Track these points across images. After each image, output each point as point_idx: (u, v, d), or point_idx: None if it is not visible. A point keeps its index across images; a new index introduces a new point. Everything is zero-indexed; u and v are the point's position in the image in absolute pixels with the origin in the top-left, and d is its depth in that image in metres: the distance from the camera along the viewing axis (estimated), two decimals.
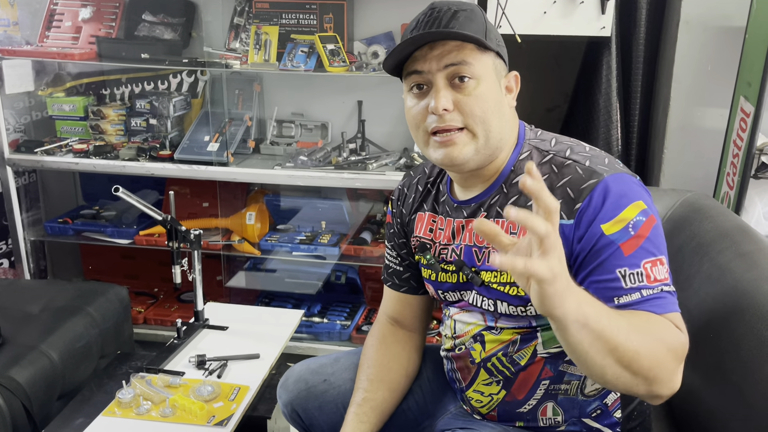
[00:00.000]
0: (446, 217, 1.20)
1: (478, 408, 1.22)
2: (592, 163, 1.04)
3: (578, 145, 1.10)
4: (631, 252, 0.97)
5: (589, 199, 1.00)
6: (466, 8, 1.06)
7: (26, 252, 2.54)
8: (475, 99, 1.04)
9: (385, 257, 1.36)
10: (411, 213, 1.27)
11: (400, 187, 1.32)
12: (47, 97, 2.59)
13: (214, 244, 2.52)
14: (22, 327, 1.80)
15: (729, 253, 1.25)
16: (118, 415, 1.44)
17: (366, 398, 1.25)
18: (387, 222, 1.35)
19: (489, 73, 1.06)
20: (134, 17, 2.51)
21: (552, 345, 1.11)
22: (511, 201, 1.09)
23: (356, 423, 1.22)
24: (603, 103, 2.31)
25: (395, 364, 1.30)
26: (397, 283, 1.33)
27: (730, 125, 2.03)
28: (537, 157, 1.09)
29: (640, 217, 0.98)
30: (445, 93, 1.04)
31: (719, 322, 1.18)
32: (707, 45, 2.16)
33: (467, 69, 1.04)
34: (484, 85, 1.05)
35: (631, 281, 0.96)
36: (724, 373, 1.13)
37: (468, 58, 1.04)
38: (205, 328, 1.81)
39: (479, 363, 1.18)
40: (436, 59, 1.04)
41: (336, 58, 2.27)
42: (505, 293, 1.10)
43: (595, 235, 0.99)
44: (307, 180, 2.30)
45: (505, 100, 1.10)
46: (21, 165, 2.45)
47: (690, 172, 2.25)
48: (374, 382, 1.27)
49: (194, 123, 2.51)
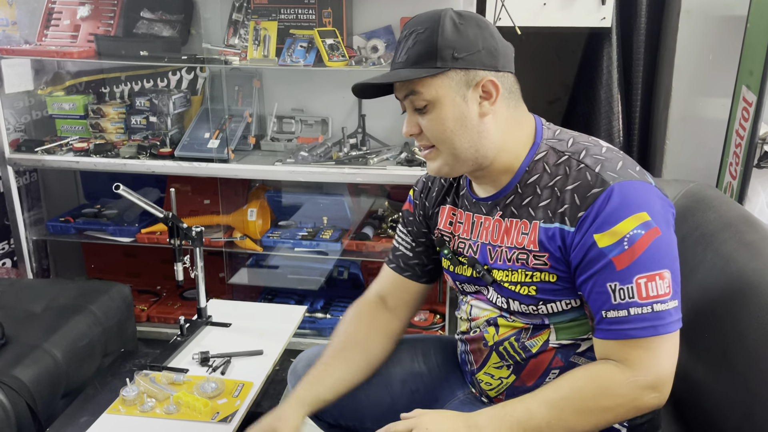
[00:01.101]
0: (465, 211, 1.22)
1: (486, 391, 1.24)
2: (603, 169, 1.03)
3: (595, 146, 1.09)
4: (623, 267, 0.98)
5: (591, 208, 1.00)
6: (423, 28, 1.06)
7: (28, 251, 2.54)
8: (433, 122, 1.08)
9: (395, 240, 1.37)
10: (435, 206, 1.29)
11: (425, 180, 1.33)
12: (47, 96, 2.58)
13: (216, 241, 2.52)
14: (26, 326, 1.80)
15: (732, 243, 1.25)
16: (122, 412, 1.44)
17: (325, 363, 1.26)
18: (405, 209, 1.36)
19: (446, 94, 1.07)
20: (133, 15, 2.50)
21: (565, 337, 1.12)
22: (525, 201, 1.10)
23: (306, 384, 1.22)
24: (604, 94, 2.30)
25: (363, 344, 1.29)
26: (402, 266, 1.34)
27: (733, 115, 2.03)
28: (553, 157, 1.09)
29: (638, 231, 0.98)
30: (410, 119, 1.11)
31: (724, 312, 1.17)
32: (708, 34, 2.15)
33: (419, 98, 1.07)
34: (440, 108, 1.07)
35: (620, 296, 0.98)
36: (729, 362, 1.12)
37: (417, 87, 1.07)
38: (208, 325, 1.81)
39: (492, 346, 1.19)
40: (398, 90, 1.11)
41: (335, 53, 2.26)
42: (517, 293, 1.12)
43: (586, 245, 1.01)
44: (308, 176, 2.29)
45: (473, 112, 1.07)
46: (22, 164, 2.45)
47: (692, 163, 2.25)
48: (337, 351, 1.28)
49: (194, 120, 2.51)
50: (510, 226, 1.12)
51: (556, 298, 1.09)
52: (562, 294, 1.08)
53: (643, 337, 0.97)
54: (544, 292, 1.09)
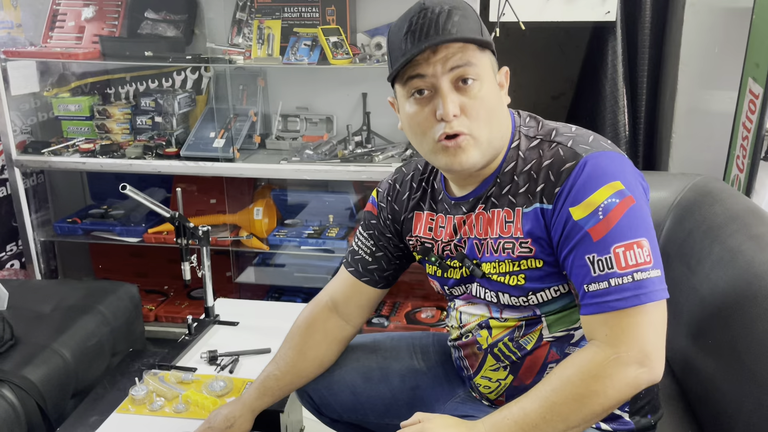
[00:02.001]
0: (446, 215, 1.19)
1: (486, 394, 1.23)
2: (575, 143, 1.03)
3: (564, 127, 1.09)
4: (599, 237, 0.96)
5: (566, 183, 1.00)
6: (458, 6, 1.03)
7: (37, 252, 2.56)
8: (481, 101, 1.03)
9: (354, 243, 1.33)
10: (407, 211, 1.25)
11: (391, 182, 1.29)
12: (53, 98, 2.59)
13: (222, 240, 2.52)
14: (35, 327, 1.81)
15: (740, 236, 1.25)
16: (131, 411, 1.44)
17: (276, 376, 1.31)
18: (368, 211, 1.32)
19: (489, 73, 1.05)
20: (137, 15, 2.51)
21: (558, 329, 1.11)
22: (504, 191, 1.09)
23: (261, 394, 1.30)
24: (609, 88, 2.29)
25: (313, 354, 1.33)
26: (360, 271, 1.30)
27: (739, 107, 2.01)
28: (525, 143, 1.09)
29: (612, 199, 0.96)
30: (452, 98, 1.01)
31: (732, 304, 1.17)
32: (714, 27, 2.14)
33: (472, 70, 1.02)
34: (486, 86, 1.04)
35: (599, 268, 0.96)
36: (738, 355, 1.12)
37: (472, 59, 1.01)
38: (215, 324, 1.82)
39: (486, 349, 1.18)
40: (440, 62, 1.01)
41: (339, 51, 2.26)
42: (505, 284, 1.10)
43: (563, 219, 0.99)
44: (313, 174, 2.30)
45: (501, 97, 1.09)
46: (29, 166, 2.46)
47: (699, 156, 2.23)
48: (288, 364, 1.31)
49: (199, 120, 2.51)
50: (492, 217, 1.10)
51: (544, 285, 1.08)
52: (550, 280, 1.07)
53: (626, 308, 0.94)
54: (532, 279, 1.07)
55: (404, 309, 2.55)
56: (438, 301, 2.57)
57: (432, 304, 2.55)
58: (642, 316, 0.94)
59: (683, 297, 1.34)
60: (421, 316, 2.50)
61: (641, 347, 0.94)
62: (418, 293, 2.63)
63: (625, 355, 0.94)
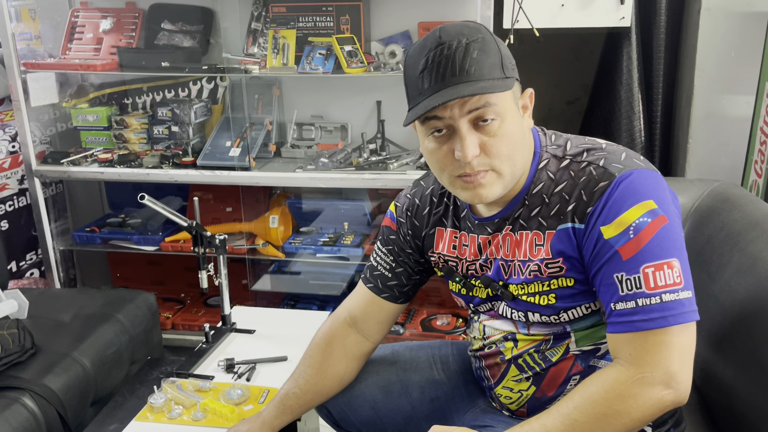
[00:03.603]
0: (469, 233, 1.17)
1: (507, 404, 1.22)
2: (607, 162, 1.02)
3: (593, 144, 1.07)
4: (629, 257, 0.95)
5: (599, 202, 0.99)
6: (477, 37, 0.99)
7: (56, 261, 2.59)
8: (501, 139, 1.00)
9: (373, 258, 1.31)
10: (428, 227, 1.24)
11: (410, 197, 1.27)
12: (71, 109, 2.63)
13: (238, 249, 2.54)
14: (54, 335, 1.83)
15: (760, 243, 1.23)
16: (150, 419, 1.45)
17: (295, 393, 1.29)
18: (386, 225, 1.30)
19: (510, 106, 1.02)
20: (154, 26, 2.54)
21: (586, 343, 1.10)
22: (533, 212, 1.07)
23: (280, 412, 1.28)
24: (624, 94, 2.28)
25: (333, 371, 1.31)
26: (380, 287, 1.29)
27: (757, 112, 2.00)
28: (554, 164, 1.07)
29: (644, 219, 0.95)
30: (471, 139, 0.99)
31: (752, 312, 1.15)
32: (730, 31, 2.12)
33: (491, 110, 0.99)
34: (507, 122, 1.01)
35: (627, 287, 0.95)
36: (759, 363, 1.10)
37: (491, 99, 0.98)
38: (232, 332, 1.83)
39: (509, 360, 1.17)
40: (458, 106, 0.98)
41: (354, 59, 2.28)
42: (536, 304, 1.09)
43: (594, 238, 0.99)
44: (328, 182, 2.31)
45: (524, 124, 1.07)
46: (48, 176, 2.49)
47: (716, 161, 2.22)
48: (308, 382, 1.30)
49: (215, 129, 2.53)
50: (520, 239, 1.09)
51: (575, 303, 1.07)
52: (581, 298, 1.06)
53: (651, 329, 0.93)
54: (563, 298, 1.07)
55: (420, 316, 2.54)
56: (453, 308, 2.56)
57: (448, 311, 2.55)
58: (668, 336, 0.93)
59: (703, 305, 1.31)
60: (437, 323, 2.49)
61: (666, 368, 0.93)
62: (433, 300, 2.62)
63: (650, 375, 0.93)
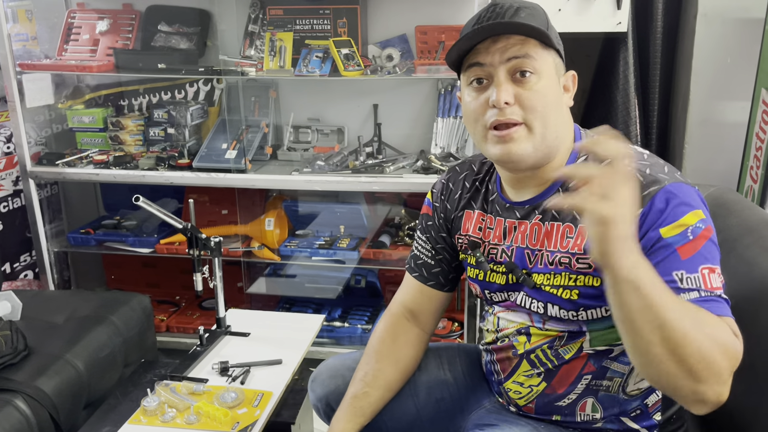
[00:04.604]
0: (496, 217, 1.19)
1: (515, 400, 1.22)
2: (653, 170, 1.03)
3: (636, 152, 1.08)
4: (688, 256, 0.95)
5: (650, 205, 0.99)
6: (528, 6, 1.07)
7: (50, 263, 2.58)
8: (536, 94, 1.04)
9: (414, 248, 1.35)
10: (457, 209, 1.26)
11: (444, 182, 1.30)
12: (67, 110, 2.62)
13: (234, 251, 2.53)
14: (48, 337, 1.82)
15: (756, 248, 1.23)
16: (143, 423, 1.44)
17: (366, 393, 1.27)
18: (424, 213, 1.33)
19: (550, 70, 1.07)
20: (150, 28, 2.53)
21: (599, 344, 1.10)
22: None
23: (351, 415, 1.25)
24: (621, 99, 2.28)
25: (402, 365, 1.31)
26: (425, 275, 1.32)
27: (752, 117, 2.00)
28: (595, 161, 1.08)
29: (699, 225, 0.97)
30: (506, 86, 1.04)
31: (748, 317, 1.15)
32: (726, 37, 2.13)
33: (530, 63, 1.04)
34: (544, 81, 1.05)
35: (688, 284, 0.95)
36: (754, 368, 1.10)
37: (531, 52, 1.04)
38: (227, 335, 1.82)
39: (522, 354, 1.17)
40: (499, 52, 1.04)
41: (351, 63, 2.27)
42: (557, 296, 1.09)
43: (652, 239, 0.98)
44: (324, 185, 2.30)
45: (563, 98, 1.11)
46: (43, 177, 2.48)
47: (712, 167, 2.22)
48: (379, 378, 1.28)
49: (211, 131, 2.53)
50: (551, 229, 1.10)
51: (597, 303, 1.07)
52: (604, 300, 1.03)
53: (719, 315, 0.92)
54: (586, 297, 1.07)
55: None
56: (450, 313, 2.56)
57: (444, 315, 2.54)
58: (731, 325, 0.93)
59: None
60: None
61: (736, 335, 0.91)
62: None
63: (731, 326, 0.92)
